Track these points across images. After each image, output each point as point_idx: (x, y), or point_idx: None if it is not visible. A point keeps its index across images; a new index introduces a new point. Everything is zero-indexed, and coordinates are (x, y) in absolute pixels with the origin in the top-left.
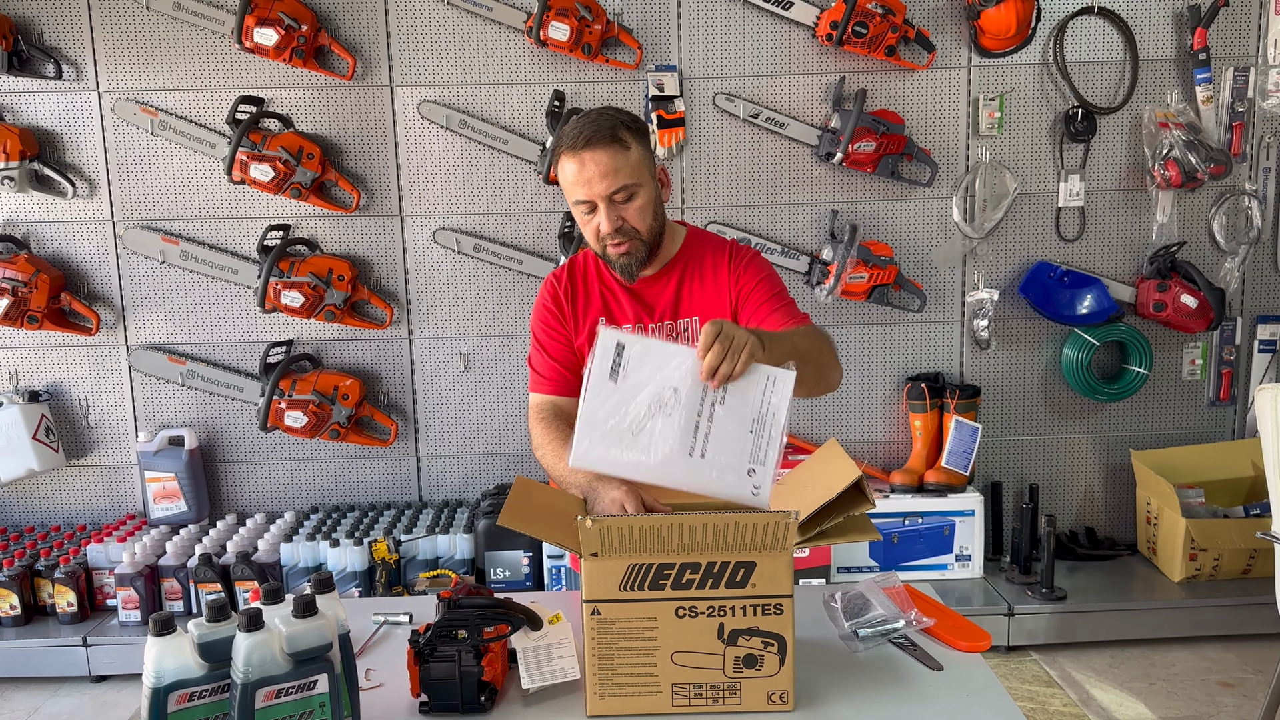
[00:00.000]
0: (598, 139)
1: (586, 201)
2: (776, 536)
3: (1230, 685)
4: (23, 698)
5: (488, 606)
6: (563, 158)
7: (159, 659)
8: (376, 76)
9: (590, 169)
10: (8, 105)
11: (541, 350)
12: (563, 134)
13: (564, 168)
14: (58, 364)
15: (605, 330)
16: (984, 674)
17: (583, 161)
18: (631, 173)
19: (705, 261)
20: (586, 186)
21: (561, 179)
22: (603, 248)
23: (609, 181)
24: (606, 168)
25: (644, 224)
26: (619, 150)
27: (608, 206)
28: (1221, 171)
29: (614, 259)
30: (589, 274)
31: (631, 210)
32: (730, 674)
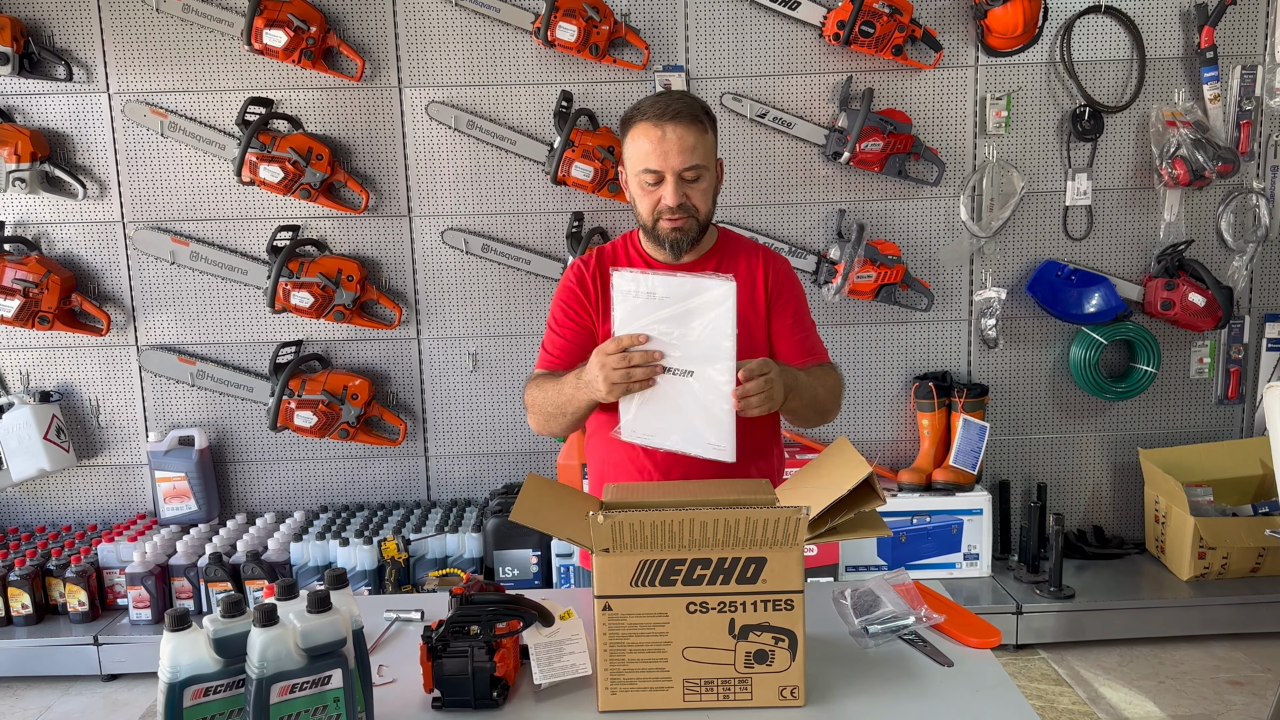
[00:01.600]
0: (684, 115)
1: (656, 172)
2: (787, 532)
3: (1239, 683)
4: (34, 696)
5: (500, 602)
6: (641, 125)
7: (174, 654)
8: (385, 78)
9: (671, 141)
10: (19, 107)
11: (555, 331)
12: (642, 105)
13: (641, 135)
14: (68, 364)
15: None
16: (994, 670)
17: (664, 133)
18: (705, 154)
19: (740, 258)
20: (663, 158)
21: (632, 146)
22: (655, 221)
23: (685, 157)
24: (686, 144)
25: (704, 206)
26: (700, 130)
27: (676, 181)
28: (1229, 170)
29: (665, 233)
30: (619, 257)
31: (697, 190)
32: (741, 669)
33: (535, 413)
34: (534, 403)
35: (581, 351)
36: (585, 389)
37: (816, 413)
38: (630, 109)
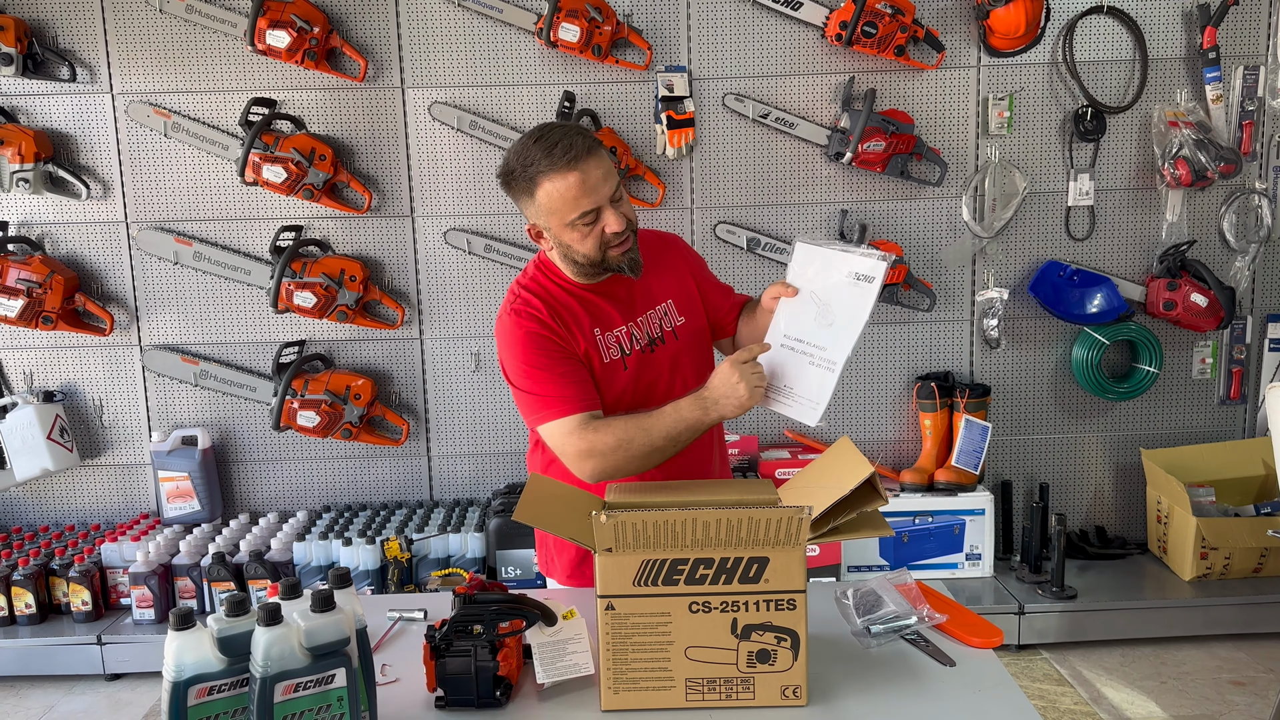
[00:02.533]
0: (587, 149)
1: (592, 211)
2: (790, 532)
3: (1241, 684)
4: (38, 696)
5: (503, 602)
6: (554, 177)
7: (179, 653)
8: (388, 78)
9: (594, 175)
10: (22, 108)
11: (554, 372)
12: (532, 158)
13: (559, 184)
14: (72, 364)
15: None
16: (996, 670)
17: (584, 173)
18: (617, 174)
19: (654, 254)
20: (593, 194)
21: (550, 200)
22: (603, 254)
23: (610, 184)
24: (605, 171)
25: (633, 215)
26: (605, 155)
27: (613, 207)
28: (1231, 170)
29: (617, 260)
30: (557, 297)
31: (626, 208)
32: (744, 669)
33: (627, 452)
34: (625, 443)
35: (591, 385)
36: (716, 407)
37: None
38: (515, 165)
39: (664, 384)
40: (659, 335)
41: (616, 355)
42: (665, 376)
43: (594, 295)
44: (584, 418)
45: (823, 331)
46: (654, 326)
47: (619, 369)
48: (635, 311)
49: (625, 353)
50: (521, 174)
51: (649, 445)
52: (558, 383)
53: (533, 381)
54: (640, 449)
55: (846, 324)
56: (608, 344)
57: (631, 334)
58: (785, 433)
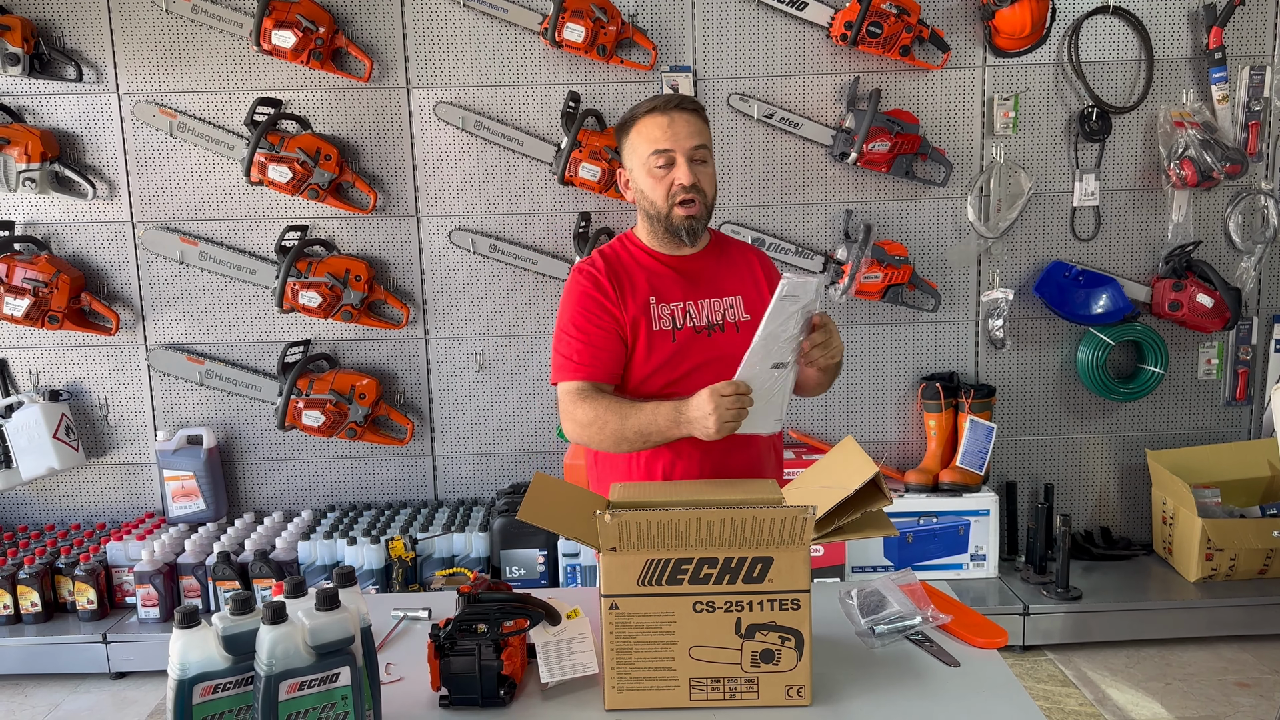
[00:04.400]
0: (687, 105)
1: (667, 152)
2: (794, 532)
3: (1247, 685)
4: (43, 694)
5: (507, 601)
6: (645, 118)
7: (184, 651)
8: (393, 78)
9: (680, 125)
10: (29, 107)
11: (582, 338)
12: (641, 104)
13: (647, 125)
14: (78, 363)
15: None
16: (1001, 670)
17: (672, 119)
18: (708, 140)
19: (733, 253)
20: (673, 139)
21: (637, 138)
22: (669, 207)
23: (694, 137)
24: (694, 127)
25: (710, 190)
26: (702, 121)
27: (688, 162)
28: (1237, 170)
29: (679, 220)
30: (624, 259)
31: (705, 173)
32: (748, 669)
33: (599, 431)
34: (600, 424)
35: (612, 358)
36: (688, 425)
37: (832, 379)
38: (626, 113)
39: (714, 371)
40: (719, 323)
41: (668, 326)
42: (716, 364)
43: (662, 266)
44: (584, 386)
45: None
46: (716, 313)
47: (667, 340)
48: (698, 292)
49: (676, 326)
50: (629, 117)
51: (619, 433)
52: (580, 348)
53: (562, 343)
54: (611, 434)
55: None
56: (660, 314)
57: (688, 311)
58: (789, 432)
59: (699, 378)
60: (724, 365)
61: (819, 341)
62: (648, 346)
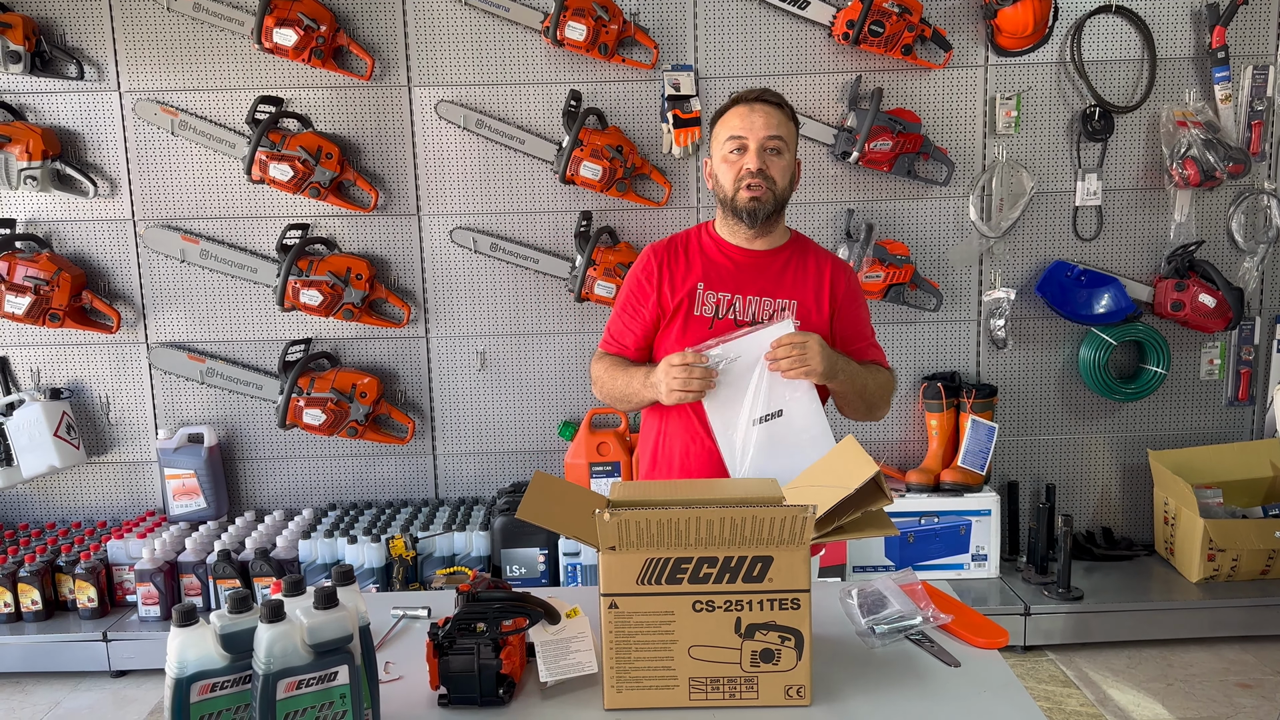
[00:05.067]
0: (772, 99)
1: (740, 138)
2: (794, 531)
3: (1249, 686)
4: (44, 692)
5: (506, 600)
6: (731, 109)
7: (182, 650)
8: (394, 77)
9: (759, 115)
10: (30, 105)
11: (623, 318)
12: (732, 96)
13: (731, 115)
14: (79, 362)
15: None
16: (1002, 671)
17: (753, 108)
18: (787, 135)
19: (809, 258)
20: (749, 127)
21: (722, 126)
22: (737, 190)
23: (770, 128)
24: (771, 119)
25: (781, 180)
26: (784, 115)
27: (759, 150)
28: (1240, 170)
29: (743, 203)
30: (691, 244)
31: (776, 164)
32: (747, 668)
33: (601, 391)
34: (601, 381)
35: (637, 338)
36: (650, 389)
37: (865, 403)
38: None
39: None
40: (763, 321)
41: (709, 314)
42: None
43: (722, 256)
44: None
45: None
46: (764, 311)
47: (704, 326)
48: (752, 287)
49: (718, 315)
50: (717, 111)
51: (611, 390)
52: (616, 325)
53: (611, 318)
54: (607, 390)
55: None
56: (705, 300)
57: (734, 303)
58: None
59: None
60: None
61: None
62: (683, 328)
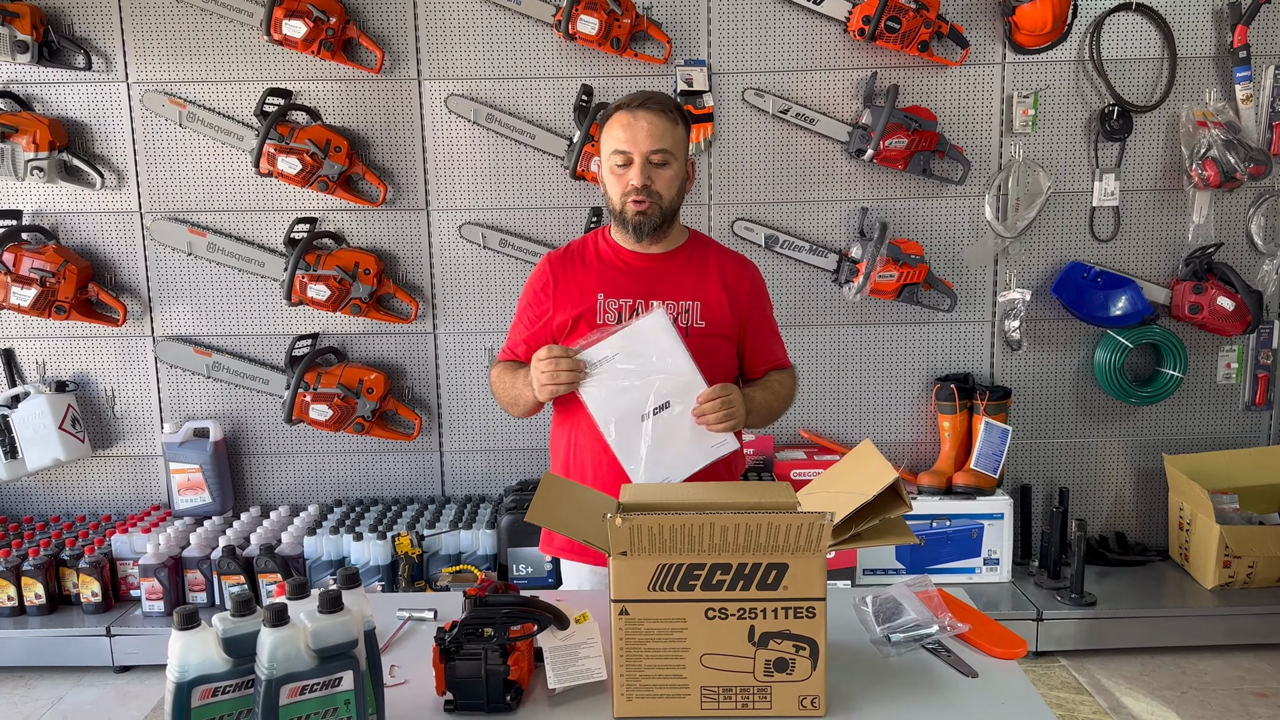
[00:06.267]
0: (654, 105)
1: (625, 153)
2: (810, 538)
3: (1264, 695)
4: (46, 686)
5: (514, 604)
6: (616, 114)
7: (183, 653)
8: (404, 70)
9: (641, 126)
10: (38, 96)
11: (518, 328)
12: (619, 100)
13: (615, 122)
14: (84, 354)
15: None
16: (1020, 682)
17: (635, 118)
18: (673, 143)
19: (709, 258)
20: (632, 141)
21: (607, 135)
22: (623, 204)
23: (653, 142)
24: (655, 130)
25: (668, 193)
26: (670, 121)
27: (643, 164)
28: (1261, 172)
29: (630, 216)
30: (588, 250)
31: (662, 176)
32: (760, 677)
33: (496, 396)
34: (494, 387)
35: (537, 344)
36: (528, 388)
37: (768, 421)
38: (604, 109)
39: None
40: None
41: (613, 321)
42: None
43: (620, 262)
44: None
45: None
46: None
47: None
48: (654, 291)
49: (621, 322)
50: (605, 112)
51: (502, 395)
52: (514, 330)
53: (511, 327)
54: (499, 395)
55: None
56: (607, 308)
57: (636, 309)
58: (800, 433)
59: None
60: None
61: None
62: None
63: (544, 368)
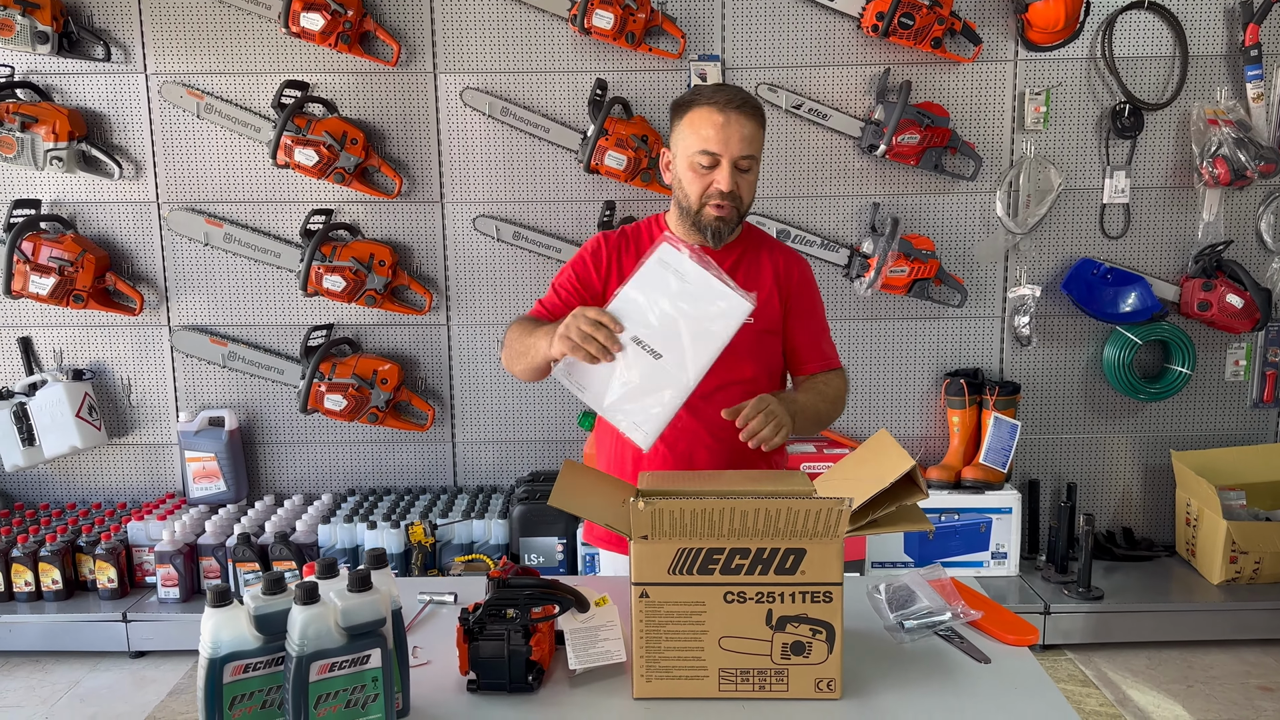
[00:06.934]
0: (748, 107)
1: (714, 155)
2: (828, 524)
3: (1270, 689)
4: (63, 671)
5: (537, 587)
6: (703, 109)
7: (216, 630)
8: (420, 63)
9: (735, 129)
10: (57, 86)
11: (554, 289)
12: (703, 90)
13: (702, 119)
14: (101, 343)
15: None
16: (1032, 668)
17: (729, 119)
18: (759, 148)
19: (762, 252)
20: (724, 143)
21: (689, 130)
22: (701, 206)
23: (744, 146)
24: (746, 133)
25: (748, 197)
26: (758, 124)
27: (732, 168)
28: (1271, 170)
29: (709, 220)
30: (643, 238)
31: (746, 181)
32: (778, 660)
33: (506, 348)
34: (508, 338)
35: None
36: (545, 338)
37: (818, 426)
38: (687, 94)
39: None
40: None
41: None
42: None
43: None
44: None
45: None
46: None
47: None
48: None
49: None
50: (689, 96)
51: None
52: (550, 295)
53: (547, 295)
54: (510, 346)
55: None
56: None
57: None
58: None
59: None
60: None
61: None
62: None
63: (583, 324)
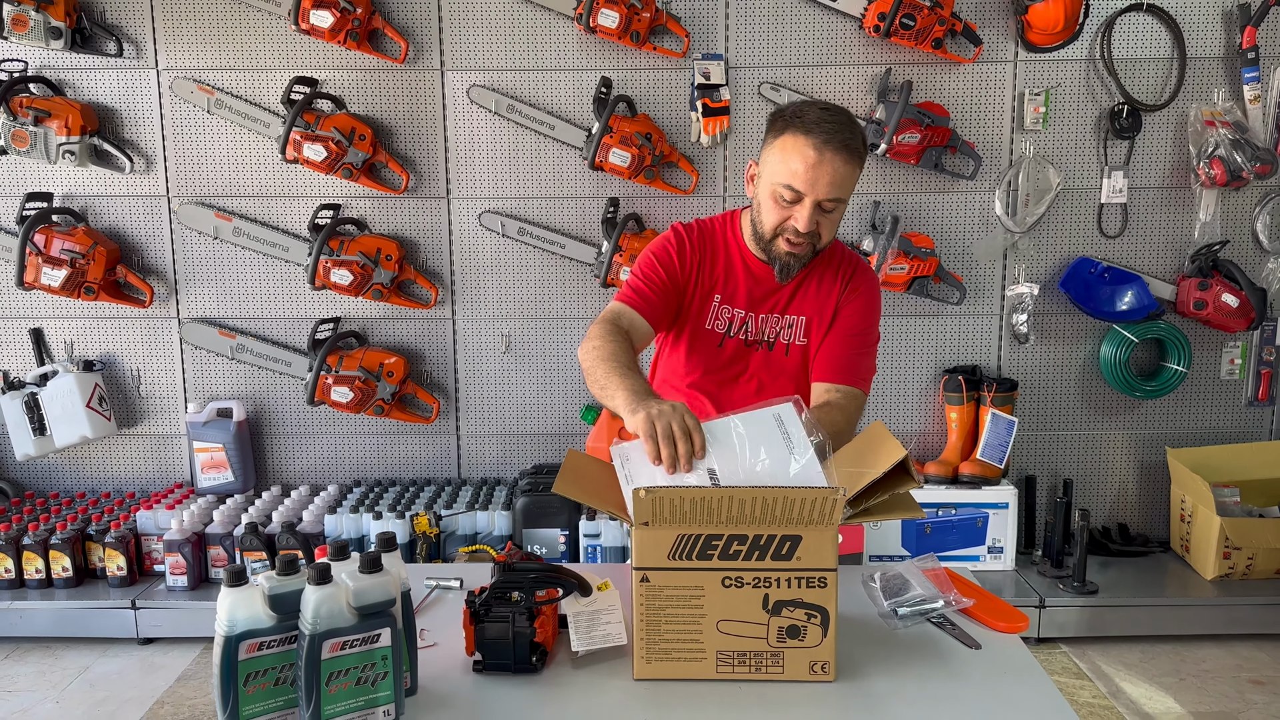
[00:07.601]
0: (847, 150)
1: (797, 192)
2: (823, 511)
3: (1261, 683)
4: (73, 657)
5: (541, 571)
6: (800, 137)
7: (232, 609)
8: (428, 60)
9: (827, 169)
10: (70, 81)
11: (641, 277)
12: (806, 115)
13: (796, 150)
14: (112, 335)
15: None
16: (1022, 654)
17: (822, 159)
18: (849, 191)
19: (828, 269)
20: (811, 184)
21: (780, 154)
22: (773, 237)
23: (833, 190)
24: (840, 176)
25: (828, 236)
26: (855, 167)
27: (814, 209)
28: (1267, 171)
29: (779, 254)
30: (717, 241)
31: (828, 221)
32: (774, 643)
33: (586, 354)
34: (588, 358)
35: (660, 302)
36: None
37: None
38: (789, 110)
39: (753, 385)
40: (770, 340)
41: (722, 329)
42: (756, 380)
43: (742, 267)
44: (620, 310)
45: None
46: (773, 330)
47: (714, 341)
48: (762, 305)
49: (729, 334)
50: (790, 116)
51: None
52: (636, 282)
53: (632, 274)
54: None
55: None
56: (719, 314)
57: (745, 322)
58: None
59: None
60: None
61: None
62: (692, 339)
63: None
